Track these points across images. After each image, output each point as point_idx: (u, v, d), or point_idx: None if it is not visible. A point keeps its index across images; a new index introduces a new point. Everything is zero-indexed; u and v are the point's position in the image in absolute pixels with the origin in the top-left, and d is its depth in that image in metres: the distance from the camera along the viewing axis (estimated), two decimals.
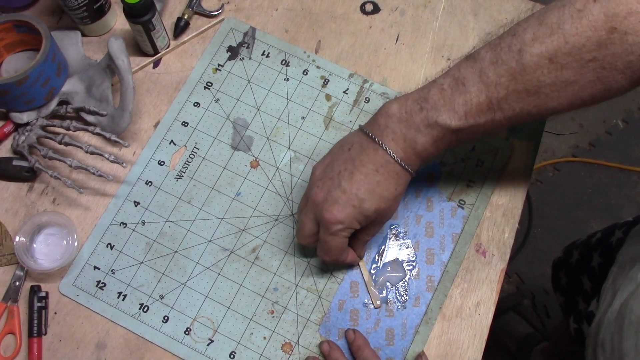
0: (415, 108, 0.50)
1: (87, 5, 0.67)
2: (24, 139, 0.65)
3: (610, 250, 0.73)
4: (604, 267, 0.73)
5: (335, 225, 0.52)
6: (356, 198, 0.51)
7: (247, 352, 0.60)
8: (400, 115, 0.51)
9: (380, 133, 0.51)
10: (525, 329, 1.28)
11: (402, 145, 0.51)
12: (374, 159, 0.51)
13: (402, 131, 0.51)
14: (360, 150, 0.52)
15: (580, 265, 0.81)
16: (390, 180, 0.52)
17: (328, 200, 0.53)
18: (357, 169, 0.52)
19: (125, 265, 0.63)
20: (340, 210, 0.52)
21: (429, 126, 0.49)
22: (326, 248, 0.55)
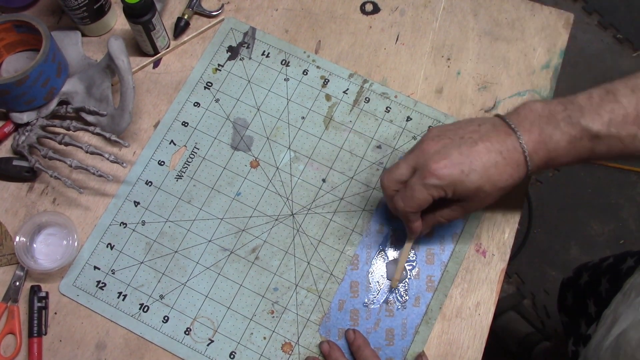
0: (559, 108, 0.50)
1: (87, 5, 0.67)
2: (24, 139, 0.65)
3: (619, 277, 0.72)
4: (611, 293, 0.72)
5: (433, 178, 0.51)
6: (468, 165, 0.50)
7: (247, 352, 0.60)
8: (542, 111, 0.50)
9: (518, 121, 0.51)
10: (526, 328, 1.27)
11: (535, 137, 0.50)
12: (502, 141, 0.50)
13: (540, 125, 0.50)
14: (492, 128, 0.52)
15: (588, 288, 0.80)
16: (508, 168, 0.50)
17: (440, 152, 0.51)
18: (482, 142, 0.51)
19: (125, 265, 0.63)
20: (447, 166, 0.50)
21: (569, 124, 0.49)
22: (409, 196, 0.53)
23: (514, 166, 0.51)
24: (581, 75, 1.56)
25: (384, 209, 0.65)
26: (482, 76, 0.70)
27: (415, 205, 0.53)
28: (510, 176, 0.51)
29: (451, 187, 0.51)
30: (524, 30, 0.72)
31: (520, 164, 0.51)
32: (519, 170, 0.51)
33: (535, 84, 0.70)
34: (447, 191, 0.52)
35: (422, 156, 0.52)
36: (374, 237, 0.64)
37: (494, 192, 0.52)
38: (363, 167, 0.66)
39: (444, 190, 0.52)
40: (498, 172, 0.50)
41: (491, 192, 0.52)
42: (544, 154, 0.50)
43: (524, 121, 0.51)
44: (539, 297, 1.36)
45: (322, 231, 0.64)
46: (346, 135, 0.68)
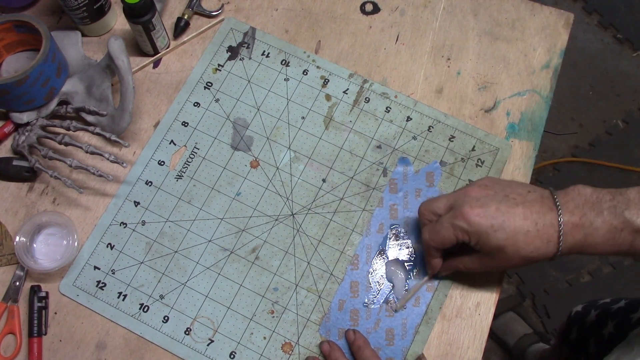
0: (607, 197, 0.50)
1: (87, 5, 0.67)
2: (24, 139, 0.65)
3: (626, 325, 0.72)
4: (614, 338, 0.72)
5: (463, 221, 0.52)
6: (500, 223, 0.51)
7: (247, 352, 0.60)
8: (590, 197, 0.51)
9: (564, 201, 0.51)
10: (524, 329, 1.28)
11: (575, 220, 0.50)
12: (542, 213, 0.51)
13: (583, 210, 0.50)
14: (539, 199, 0.52)
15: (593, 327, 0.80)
16: (537, 240, 0.51)
17: (480, 200, 0.52)
18: (523, 207, 0.51)
19: (125, 265, 0.63)
20: (480, 215, 0.51)
21: (612, 214, 0.49)
22: (436, 231, 0.54)
23: (544, 241, 0.51)
24: (581, 75, 1.56)
25: (384, 209, 0.65)
26: (482, 76, 0.70)
27: (438, 241, 0.55)
28: (536, 249, 0.51)
29: (476, 236, 0.52)
30: (524, 30, 0.72)
31: (551, 240, 0.51)
32: (548, 247, 0.51)
33: (535, 84, 0.70)
34: (472, 239, 0.52)
35: (462, 198, 0.53)
36: (374, 237, 0.64)
37: (515, 258, 0.52)
38: (363, 167, 0.66)
39: (468, 236, 0.52)
40: (526, 240, 0.51)
41: (512, 257, 0.52)
42: (579, 238, 0.50)
43: (569, 202, 0.51)
44: (539, 297, 1.36)
45: (322, 231, 0.64)
46: (346, 135, 0.68)
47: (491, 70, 0.71)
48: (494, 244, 0.51)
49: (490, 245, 0.52)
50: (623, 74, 1.56)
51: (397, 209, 0.65)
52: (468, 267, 0.56)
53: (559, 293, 1.36)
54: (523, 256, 0.51)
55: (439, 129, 0.68)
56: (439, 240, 0.54)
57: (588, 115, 1.54)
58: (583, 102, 1.55)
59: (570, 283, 1.38)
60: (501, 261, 0.53)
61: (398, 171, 0.66)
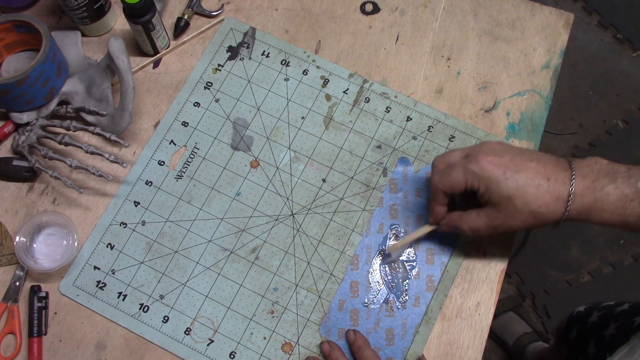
0: (622, 168, 0.50)
1: (87, 5, 0.67)
2: (24, 139, 0.65)
3: (628, 328, 0.72)
4: (615, 340, 0.72)
5: (475, 165, 0.52)
6: (512, 172, 0.51)
7: (247, 352, 0.60)
8: (606, 166, 0.51)
9: (579, 165, 0.51)
10: (524, 328, 1.28)
11: (587, 184, 0.50)
12: (556, 172, 0.51)
13: (597, 175, 0.50)
14: (554, 160, 0.53)
15: (594, 328, 0.79)
16: (547, 195, 0.51)
17: (495, 150, 0.53)
18: (538, 163, 0.52)
19: (125, 265, 0.63)
20: (493, 162, 0.52)
21: (625, 182, 0.49)
22: (447, 173, 0.54)
23: (554, 197, 0.51)
24: (581, 75, 1.56)
25: (384, 209, 0.65)
26: (482, 76, 0.70)
27: (448, 183, 0.54)
28: (545, 204, 0.51)
29: (486, 182, 0.52)
30: (524, 30, 0.72)
31: (560, 198, 0.51)
32: (557, 205, 0.51)
33: (535, 84, 0.70)
34: (481, 185, 0.52)
35: (478, 147, 0.54)
36: (374, 237, 0.64)
37: (523, 212, 0.51)
38: (363, 167, 0.66)
39: (478, 182, 0.52)
40: (536, 193, 0.51)
41: (521, 210, 0.51)
42: (589, 201, 0.50)
43: (584, 167, 0.51)
44: (539, 297, 1.36)
45: (322, 231, 0.64)
46: (346, 135, 0.68)
47: (491, 70, 0.71)
48: (503, 193, 0.51)
49: (499, 194, 0.51)
50: (623, 74, 1.56)
51: (397, 209, 0.65)
52: (473, 226, 0.55)
53: (559, 293, 1.36)
54: (531, 210, 0.51)
55: (439, 129, 0.68)
56: (448, 182, 0.54)
57: (588, 115, 1.54)
58: (583, 102, 1.55)
59: (570, 283, 1.38)
60: (508, 216, 0.52)
61: (398, 171, 0.66)
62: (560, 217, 0.51)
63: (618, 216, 0.50)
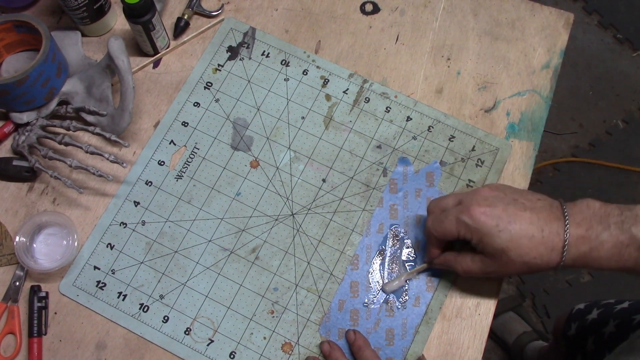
0: (615, 212, 0.50)
1: (87, 6, 0.67)
2: (24, 139, 0.65)
3: (627, 326, 0.72)
4: (614, 337, 0.72)
5: (468, 217, 0.52)
6: (505, 224, 0.51)
7: (247, 352, 0.60)
8: (598, 210, 0.50)
9: (572, 212, 0.51)
10: (524, 327, 1.28)
11: (581, 232, 0.50)
12: (549, 221, 0.51)
13: (591, 222, 0.50)
14: (548, 207, 0.52)
15: (593, 325, 0.79)
16: (541, 247, 0.51)
17: (488, 200, 0.52)
18: (531, 212, 0.51)
19: (125, 265, 0.63)
20: (486, 213, 0.51)
21: (619, 229, 0.49)
22: (440, 221, 0.54)
23: (548, 249, 0.50)
24: (581, 75, 1.56)
25: (384, 209, 0.65)
26: (482, 76, 0.70)
27: (440, 231, 0.55)
28: (539, 255, 0.51)
29: (479, 234, 0.52)
30: (524, 30, 0.72)
31: (555, 249, 0.50)
32: (551, 255, 0.51)
33: (535, 84, 0.70)
34: (474, 237, 0.52)
35: (471, 196, 0.54)
36: (374, 237, 0.64)
37: (517, 262, 0.51)
38: (363, 167, 0.66)
39: (470, 233, 0.52)
40: (530, 245, 0.51)
41: (515, 261, 0.51)
42: (584, 250, 0.50)
43: (577, 214, 0.51)
44: (539, 297, 1.36)
45: (322, 231, 0.64)
46: (346, 135, 0.68)
47: (491, 70, 0.71)
48: (497, 245, 0.51)
49: (493, 246, 0.51)
50: (623, 74, 1.56)
51: (397, 209, 0.65)
52: (466, 269, 0.56)
53: (559, 293, 1.36)
54: (525, 262, 0.51)
55: (439, 129, 0.68)
56: (440, 230, 0.54)
57: (588, 115, 1.54)
58: (583, 102, 1.55)
59: (570, 283, 1.38)
60: (502, 265, 0.52)
61: (398, 171, 0.66)
62: (556, 266, 0.51)
63: (615, 262, 0.50)
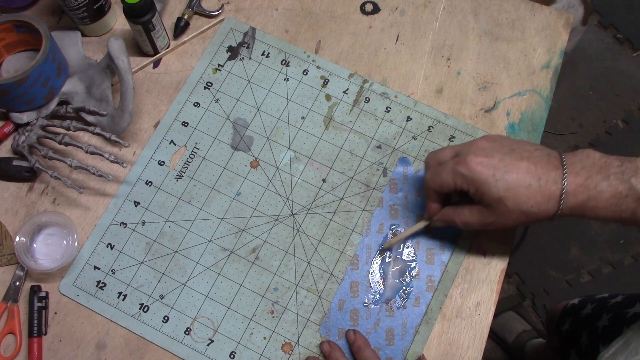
0: (615, 162, 0.50)
1: (87, 6, 0.67)
2: (24, 139, 0.65)
3: (621, 320, 0.71)
4: (608, 331, 0.72)
5: (464, 167, 0.52)
6: (502, 173, 0.50)
7: (247, 352, 0.60)
8: (598, 161, 0.50)
9: (571, 161, 0.51)
10: (524, 326, 1.28)
11: (579, 181, 0.50)
12: (547, 170, 0.50)
13: (589, 172, 0.50)
14: (545, 156, 0.52)
15: (587, 319, 0.79)
16: (538, 195, 0.50)
17: (485, 150, 0.52)
18: (529, 162, 0.51)
19: (125, 265, 0.63)
20: (482, 163, 0.51)
21: (618, 179, 0.48)
22: (437, 173, 0.54)
23: (545, 197, 0.50)
24: (581, 75, 1.56)
25: (384, 209, 0.65)
26: (482, 76, 0.70)
27: (437, 183, 0.54)
28: (536, 204, 0.50)
29: (475, 184, 0.51)
30: (524, 30, 0.72)
31: (552, 197, 0.50)
32: (548, 204, 0.50)
33: (535, 84, 0.70)
34: (471, 187, 0.52)
35: (468, 147, 0.53)
36: (374, 237, 0.64)
37: (515, 212, 0.51)
38: (363, 167, 0.66)
39: (467, 184, 0.52)
40: (527, 193, 0.50)
41: (512, 210, 0.51)
42: (582, 199, 0.50)
43: (576, 163, 0.51)
44: (539, 297, 1.36)
45: (322, 231, 0.64)
46: (346, 135, 0.68)
47: (491, 70, 0.71)
48: (494, 195, 0.51)
49: (490, 196, 0.51)
50: (623, 74, 1.56)
51: (397, 209, 0.65)
52: (465, 221, 0.55)
53: (559, 293, 1.36)
54: (523, 210, 0.51)
55: (439, 129, 0.68)
56: (438, 182, 0.54)
57: (588, 115, 1.54)
58: (583, 102, 1.55)
59: (570, 283, 1.38)
60: (500, 215, 0.52)
61: (398, 171, 0.66)
62: (553, 215, 0.51)
63: (612, 212, 0.49)
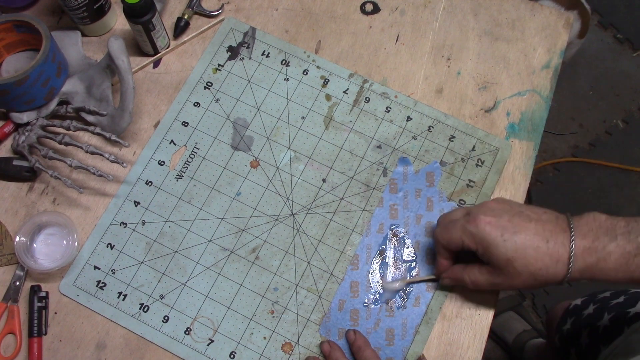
0: (621, 223, 0.50)
1: (87, 5, 0.67)
2: (24, 139, 0.65)
3: (622, 320, 0.72)
4: (608, 331, 0.72)
5: (473, 226, 0.52)
6: (510, 234, 0.51)
7: (247, 352, 0.60)
8: (604, 222, 0.50)
9: (578, 224, 0.51)
10: (524, 326, 1.28)
11: (587, 244, 0.50)
12: (555, 233, 0.51)
13: (597, 234, 0.50)
14: (554, 219, 0.52)
15: (588, 319, 0.80)
16: (547, 258, 0.50)
17: (494, 211, 0.53)
18: (537, 224, 0.51)
19: (125, 265, 0.63)
20: (491, 223, 0.52)
21: (626, 239, 0.49)
22: (446, 230, 0.55)
23: (554, 260, 0.50)
24: (581, 75, 1.56)
25: (384, 209, 0.65)
26: (482, 76, 0.70)
27: (445, 240, 0.55)
28: (545, 266, 0.51)
29: (483, 244, 0.52)
30: (524, 30, 0.72)
31: (561, 260, 0.50)
32: (557, 267, 0.51)
33: (535, 84, 0.70)
34: (479, 247, 0.53)
35: (479, 208, 0.54)
36: (374, 237, 0.64)
37: (524, 273, 0.51)
38: (363, 167, 0.66)
39: (475, 243, 0.53)
40: (535, 256, 0.51)
41: (521, 272, 0.51)
42: (591, 262, 0.50)
43: (583, 226, 0.51)
44: (539, 297, 1.36)
45: (322, 231, 0.64)
46: (346, 135, 0.68)
47: (491, 70, 0.71)
48: (502, 255, 0.51)
49: (498, 257, 0.51)
50: (623, 74, 1.56)
51: (397, 209, 0.65)
52: (475, 280, 0.56)
53: (559, 293, 1.36)
54: (531, 272, 0.51)
55: (439, 129, 0.68)
56: (446, 239, 0.55)
57: (588, 115, 1.54)
58: (583, 102, 1.55)
59: (570, 283, 1.38)
60: (509, 276, 0.52)
61: (398, 171, 0.66)
62: (562, 278, 0.51)
63: (623, 273, 0.49)
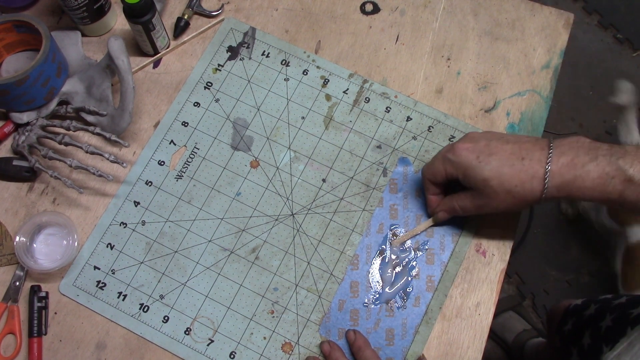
0: (604, 146, 0.50)
1: (87, 6, 0.67)
2: (24, 139, 0.65)
3: (624, 320, 0.71)
4: (610, 331, 0.72)
5: (452, 154, 0.54)
6: (486, 156, 0.52)
7: (247, 352, 0.60)
8: (587, 144, 0.51)
9: (559, 143, 0.51)
10: (524, 325, 1.28)
11: (566, 161, 0.50)
12: (531, 151, 0.52)
13: (577, 152, 0.50)
14: (533, 141, 0.53)
15: (590, 320, 0.79)
16: (522, 174, 0.51)
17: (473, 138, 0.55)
18: (514, 144, 0.53)
19: (125, 265, 0.63)
20: (468, 149, 0.53)
21: (606, 160, 0.49)
22: (430, 164, 0.58)
23: (529, 176, 0.51)
24: (581, 75, 1.56)
25: (384, 209, 0.65)
26: (482, 76, 0.70)
27: (430, 173, 0.58)
28: (520, 182, 0.51)
29: (462, 168, 0.54)
30: (524, 30, 0.72)
31: (536, 177, 0.51)
32: (533, 183, 0.51)
33: (535, 84, 0.70)
34: (459, 172, 0.54)
35: (460, 139, 0.56)
36: (374, 237, 0.64)
37: (501, 193, 0.52)
38: (363, 167, 0.66)
39: (455, 170, 0.55)
40: (510, 173, 0.51)
41: (498, 191, 0.52)
42: (568, 179, 0.50)
43: (564, 145, 0.51)
44: (539, 297, 1.36)
45: (322, 231, 0.64)
46: (346, 135, 0.68)
47: (491, 70, 0.71)
48: (479, 176, 0.53)
49: (475, 178, 0.53)
50: (623, 74, 1.56)
51: (397, 209, 0.65)
52: (463, 206, 0.57)
53: (559, 293, 1.36)
54: (507, 190, 0.52)
55: (439, 129, 0.68)
56: (431, 172, 0.58)
57: (588, 115, 1.54)
58: (583, 102, 1.55)
59: (570, 283, 1.38)
60: (488, 197, 0.54)
61: (398, 171, 0.66)
62: (540, 195, 0.52)
63: (599, 193, 0.50)
